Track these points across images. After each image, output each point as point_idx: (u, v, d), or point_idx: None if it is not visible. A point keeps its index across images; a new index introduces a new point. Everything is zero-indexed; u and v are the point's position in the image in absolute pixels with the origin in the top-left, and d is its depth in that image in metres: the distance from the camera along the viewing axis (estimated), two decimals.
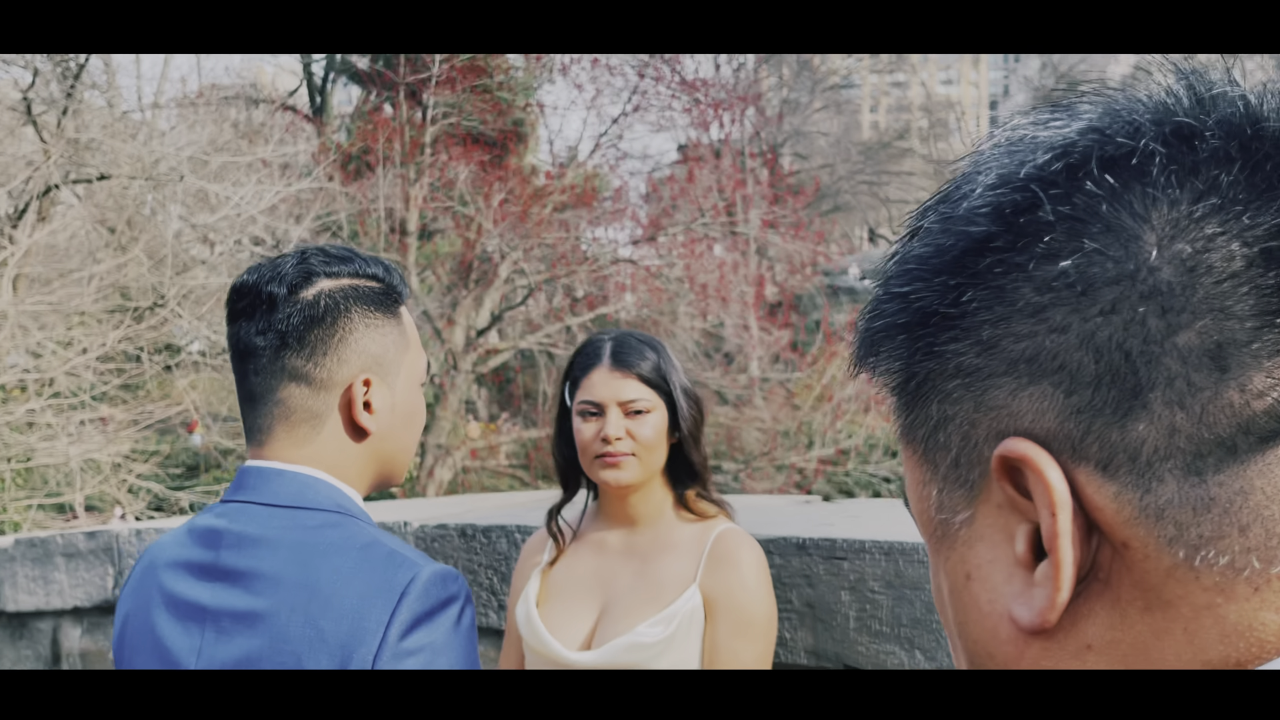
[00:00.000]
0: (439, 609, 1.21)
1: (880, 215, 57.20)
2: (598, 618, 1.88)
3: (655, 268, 15.05)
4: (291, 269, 1.32)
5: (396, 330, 1.38)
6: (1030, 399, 0.44)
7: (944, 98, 66.97)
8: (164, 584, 1.31)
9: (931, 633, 2.03)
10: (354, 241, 13.61)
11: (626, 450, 1.84)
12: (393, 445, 1.38)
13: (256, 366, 1.32)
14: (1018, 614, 0.44)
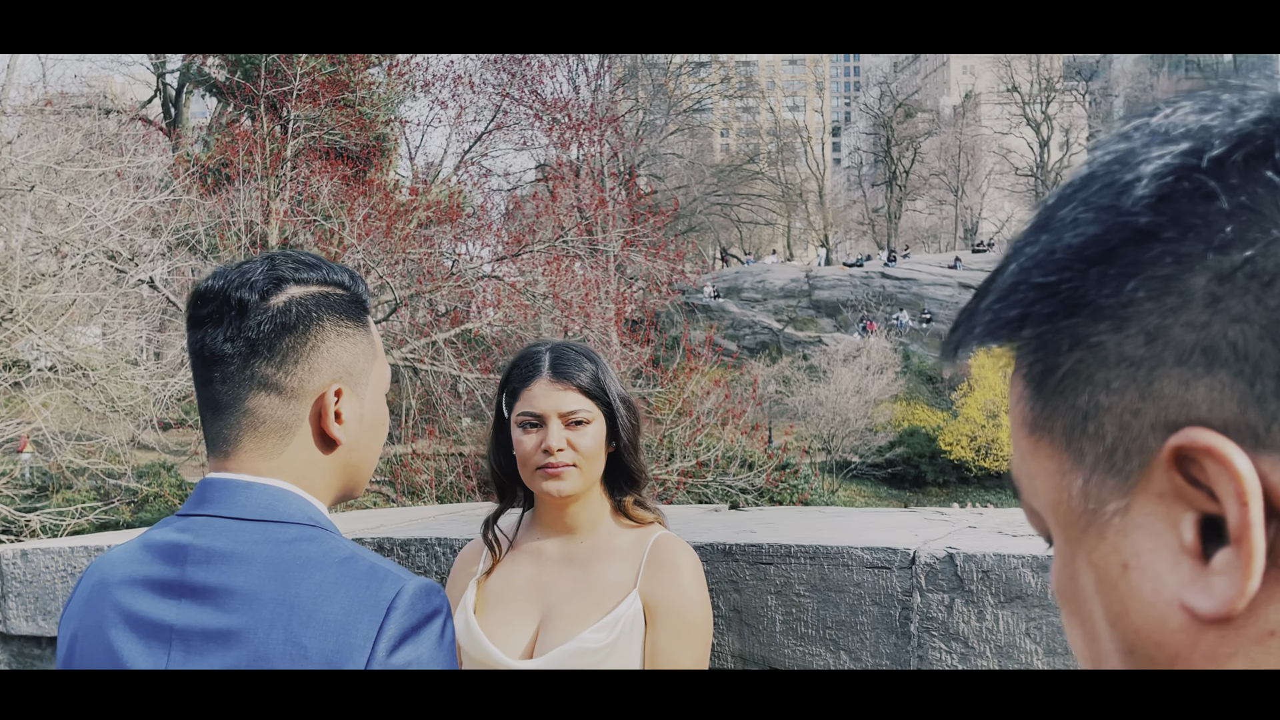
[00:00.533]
0: (424, 623, 1.18)
1: (732, 236, 58.58)
2: (538, 626, 1.87)
3: (521, 284, 15.16)
4: (261, 275, 1.27)
5: (366, 339, 1.35)
6: (1207, 388, 0.43)
7: (790, 123, 69.14)
8: (121, 602, 1.24)
9: (856, 634, 2.09)
10: (213, 255, 13.24)
11: (568, 461, 1.84)
12: (359, 456, 1.35)
13: (224, 374, 1.27)
14: (1194, 602, 0.44)
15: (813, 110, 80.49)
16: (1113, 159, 0.48)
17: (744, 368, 27.92)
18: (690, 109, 48.74)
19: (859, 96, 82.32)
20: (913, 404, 36.39)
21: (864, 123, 70.29)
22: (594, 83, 24.84)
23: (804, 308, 44.46)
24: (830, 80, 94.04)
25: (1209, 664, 0.44)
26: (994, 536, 2.11)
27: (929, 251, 59.34)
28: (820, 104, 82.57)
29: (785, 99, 76.27)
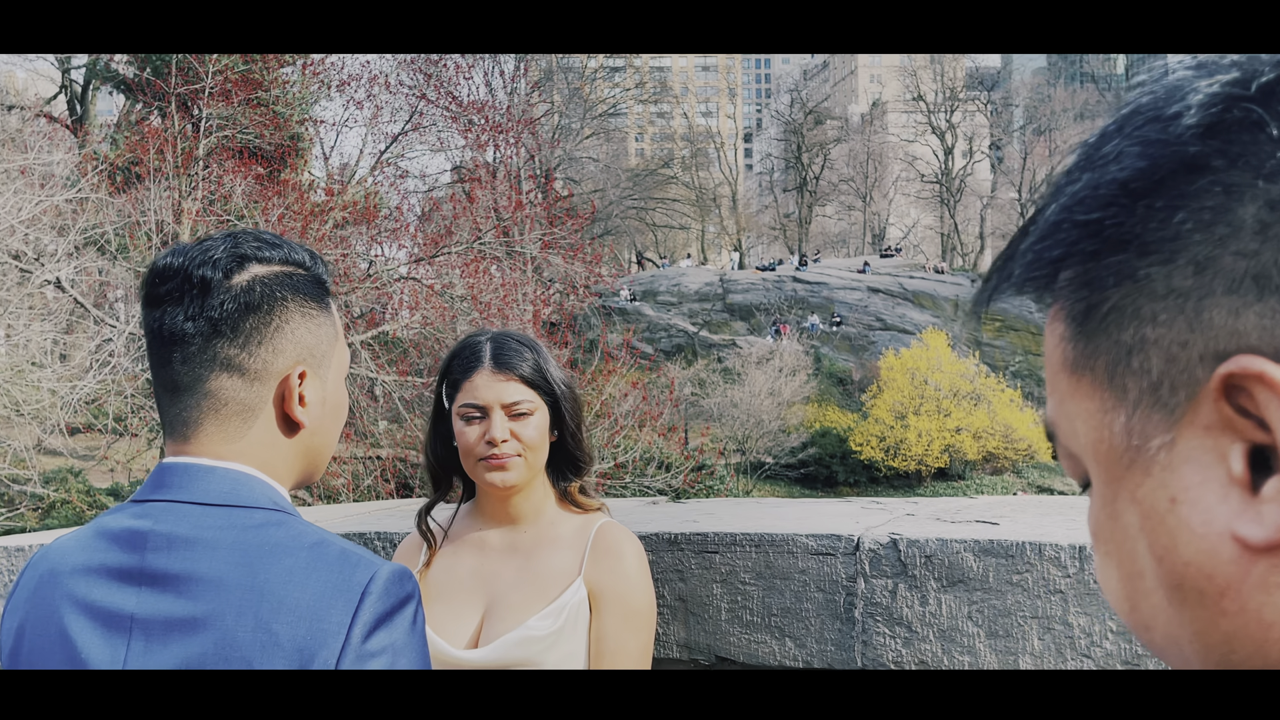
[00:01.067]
0: (398, 608, 1.16)
1: (647, 240, 58.80)
2: (483, 616, 1.86)
3: (438, 286, 15.04)
4: (224, 253, 1.24)
5: (328, 321, 1.32)
6: (1257, 316, 0.43)
7: (704, 128, 69.74)
8: (74, 592, 1.20)
9: (801, 621, 2.11)
10: (122, 256, 12.84)
11: (512, 452, 1.83)
12: (320, 440, 1.32)
13: (184, 355, 1.23)
14: (1245, 532, 0.44)
15: (725, 116, 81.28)
16: (1159, 92, 0.48)
17: (660, 370, 28.09)
18: (605, 113, 48.85)
19: (770, 103, 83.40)
20: (824, 405, 37.03)
21: (775, 129, 71.27)
22: (510, 85, 24.79)
23: (718, 311, 44.90)
24: (742, 86, 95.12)
25: (1260, 593, 0.45)
26: (933, 523, 2.20)
27: (838, 256, 60.42)
28: (733, 110, 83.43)
29: (699, 104, 76.91)
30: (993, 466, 34.12)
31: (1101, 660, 1.88)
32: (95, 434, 14.31)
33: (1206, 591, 0.46)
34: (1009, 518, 2.24)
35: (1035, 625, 1.93)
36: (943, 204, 60.57)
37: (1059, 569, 1.92)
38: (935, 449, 33.22)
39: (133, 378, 12.70)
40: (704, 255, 59.57)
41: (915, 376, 34.40)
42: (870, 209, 61.88)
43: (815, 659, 2.11)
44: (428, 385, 14.19)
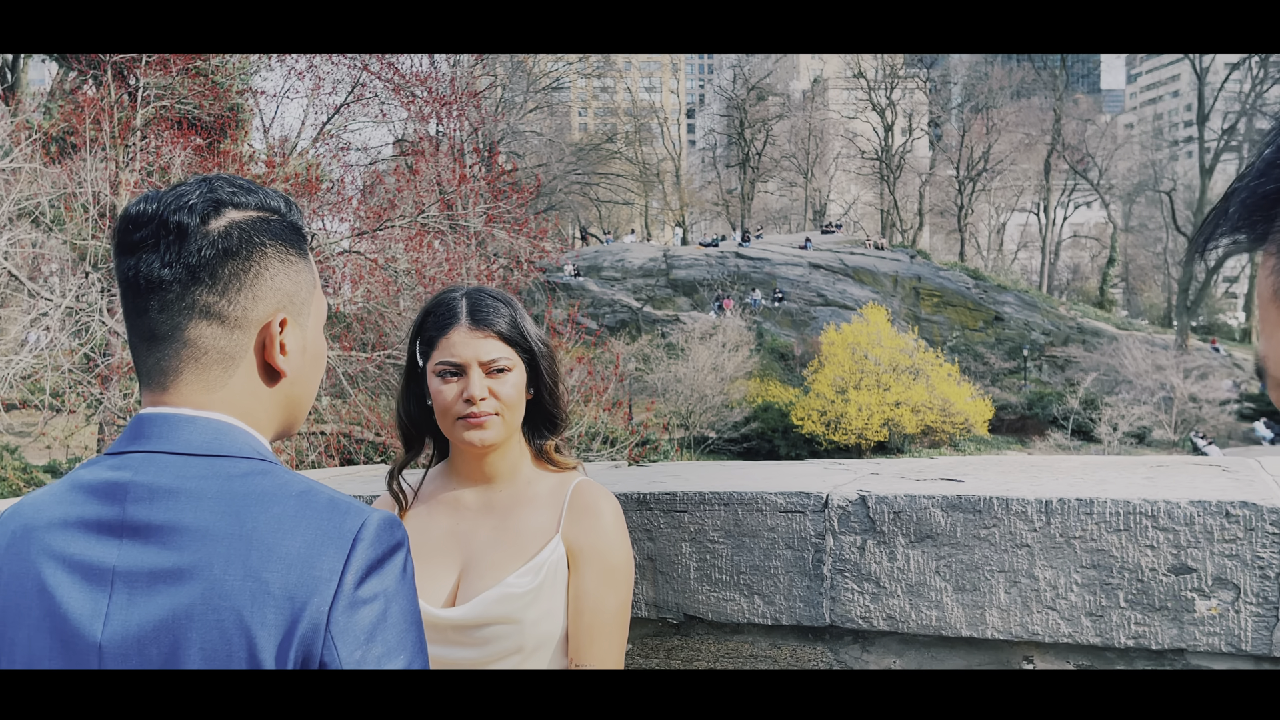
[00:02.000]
0: (389, 555, 1.15)
1: (591, 215, 58.59)
2: (459, 575, 1.84)
3: (382, 260, 14.84)
4: (199, 198, 1.21)
5: (307, 268, 1.30)
6: None
7: (647, 103, 69.48)
8: (52, 545, 1.17)
9: (770, 578, 2.14)
10: (58, 228, 12.46)
11: (490, 410, 1.82)
12: (301, 390, 1.31)
13: (161, 303, 1.21)
14: None
15: (668, 91, 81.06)
16: None
17: (605, 346, 28.07)
18: (549, 86, 48.42)
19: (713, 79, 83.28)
20: (766, 380, 37.32)
21: (718, 105, 71.24)
22: (453, 58, 24.42)
23: (662, 286, 44.95)
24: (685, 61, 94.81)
25: None
26: (899, 480, 2.24)
27: (781, 232, 60.75)
28: (676, 85, 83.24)
29: (641, 79, 76.59)
30: (930, 440, 34.69)
31: (1066, 612, 1.93)
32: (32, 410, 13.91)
33: None
34: (973, 475, 2.28)
35: (1002, 579, 1.98)
36: (882, 180, 61.15)
37: (1025, 523, 1.96)
38: (875, 423, 33.68)
39: (69, 353, 12.36)
40: (648, 231, 59.51)
41: (855, 351, 34.81)
42: (811, 185, 62.24)
43: (784, 616, 2.14)
44: (371, 360, 14.02)
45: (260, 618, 1.09)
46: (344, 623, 1.10)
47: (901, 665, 2.09)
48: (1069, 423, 35.66)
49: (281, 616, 1.09)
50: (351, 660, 1.10)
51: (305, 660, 1.09)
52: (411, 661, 1.15)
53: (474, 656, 1.80)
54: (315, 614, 1.09)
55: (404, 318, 14.90)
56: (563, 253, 38.93)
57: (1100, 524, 1.92)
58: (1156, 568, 1.89)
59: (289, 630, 1.09)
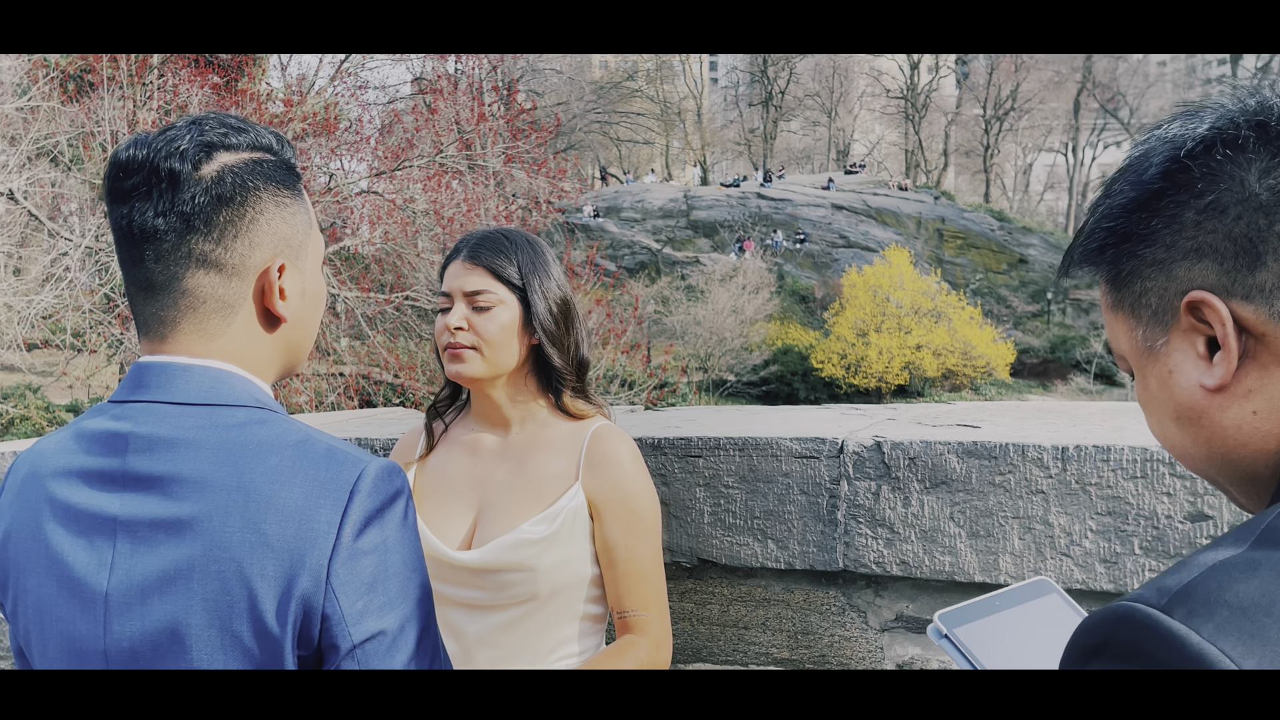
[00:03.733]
0: (388, 504, 1.15)
1: (611, 154, 58.13)
2: (475, 518, 1.85)
3: (401, 200, 14.79)
4: (190, 143, 1.19)
5: (302, 208, 1.29)
6: (1200, 270, 0.81)
7: None
8: (55, 495, 1.18)
9: (784, 523, 2.14)
10: (76, 167, 12.47)
11: (466, 343, 1.81)
12: (301, 333, 1.30)
13: (157, 252, 1.19)
14: (1205, 381, 0.82)
15: None
16: (1138, 155, 0.87)
17: (624, 288, 28.02)
18: None
19: None
20: (786, 323, 37.21)
21: None
22: None
23: (682, 228, 44.68)
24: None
25: (1219, 413, 0.82)
26: (915, 426, 2.22)
27: (803, 172, 60.11)
28: None
29: None
30: (951, 383, 34.60)
31: (1080, 559, 1.92)
32: (53, 350, 14.02)
33: (1192, 417, 0.85)
34: (989, 421, 2.26)
35: (1016, 525, 1.97)
36: (907, 120, 60.28)
37: (1041, 469, 1.95)
38: (895, 366, 33.59)
39: (90, 293, 12.43)
40: (668, 171, 59.02)
41: (877, 294, 34.60)
42: (835, 125, 61.45)
43: (797, 560, 2.14)
44: (390, 301, 14.05)
45: (260, 569, 1.09)
46: (345, 575, 1.10)
47: (914, 610, 2.09)
48: (1092, 367, 35.46)
49: (281, 569, 1.09)
50: (354, 611, 1.10)
51: (308, 612, 1.09)
52: (415, 610, 1.15)
53: (487, 599, 1.81)
54: (315, 567, 1.09)
55: (422, 259, 14.88)
56: (582, 193, 38.66)
57: (1117, 471, 1.90)
58: (1173, 515, 1.87)
59: (289, 583, 1.09)
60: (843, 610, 2.15)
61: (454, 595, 1.83)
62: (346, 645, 1.10)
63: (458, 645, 1.84)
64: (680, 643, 2.27)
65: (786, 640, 2.19)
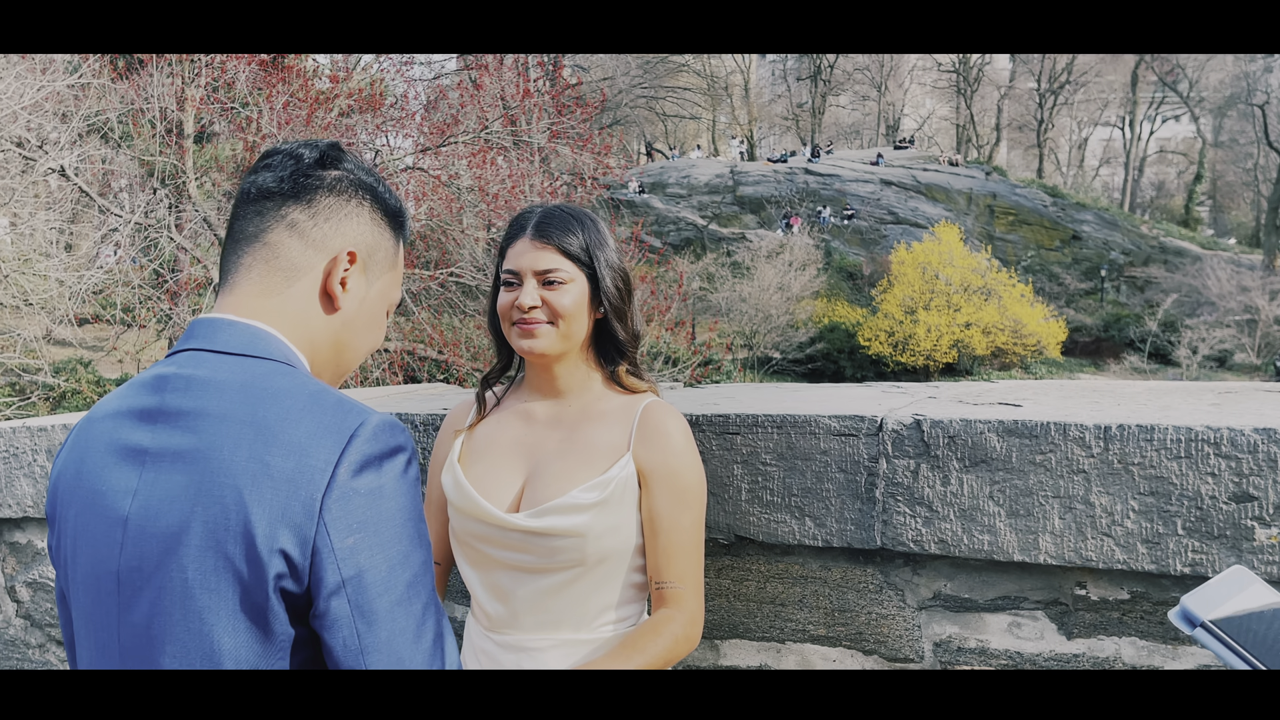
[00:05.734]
0: (388, 455, 1.22)
1: (657, 130, 57.87)
2: (524, 482, 1.89)
3: (446, 176, 14.85)
4: (327, 147, 1.39)
5: (393, 246, 1.45)
6: None
7: None
8: (103, 433, 1.30)
9: (821, 500, 2.12)
10: (126, 144, 12.66)
11: (542, 318, 1.86)
12: (349, 337, 1.41)
13: (260, 209, 1.35)
14: None
15: None
16: None
17: (669, 264, 27.98)
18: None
19: None
20: (833, 300, 36.93)
21: None
22: None
23: (728, 204, 44.43)
24: None
25: None
26: (956, 405, 2.19)
27: (852, 148, 59.45)
28: None
29: None
30: (1001, 362, 34.17)
31: (1122, 539, 1.90)
32: (104, 325, 14.32)
33: None
34: (1032, 400, 2.23)
35: (1056, 504, 1.94)
36: (959, 94, 59.30)
37: (1083, 449, 1.92)
38: (944, 344, 33.24)
39: (139, 268, 12.66)
40: (714, 146, 58.65)
41: (926, 271, 34.20)
42: (885, 99, 60.63)
43: (835, 538, 2.13)
44: (434, 278, 14.13)
45: (258, 496, 1.17)
46: (337, 511, 1.17)
47: (951, 589, 2.08)
48: (1146, 345, 34.83)
49: (278, 496, 1.17)
50: (344, 547, 1.17)
51: (300, 543, 1.16)
52: (407, 559, 1.21)
53: (535, 562, 1.84)
54: (309, 499, 1.17)
55: (467, 235, 14.94)
56: (627, 169, 38.59)
57: (1160, 450, 1.87)
58: (1217, 495, 1.83)
59: (283, 511, 1.17)
60: (880, 588, 2.14)
61: (502, 558, 1.86)
62: (334, 579, 1.17)
63: (505, 608, 1.88)
64: (717, 619, 2.27)
65: (823, 618, 2.19)
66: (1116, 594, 1.96)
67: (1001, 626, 2.05)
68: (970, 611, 2.07)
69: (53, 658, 3.11)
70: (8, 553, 3.15)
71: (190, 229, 12.88)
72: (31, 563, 3.11)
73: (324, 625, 1.18)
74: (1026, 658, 2.03)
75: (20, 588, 3.14)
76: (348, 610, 1.17)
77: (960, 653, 2.08)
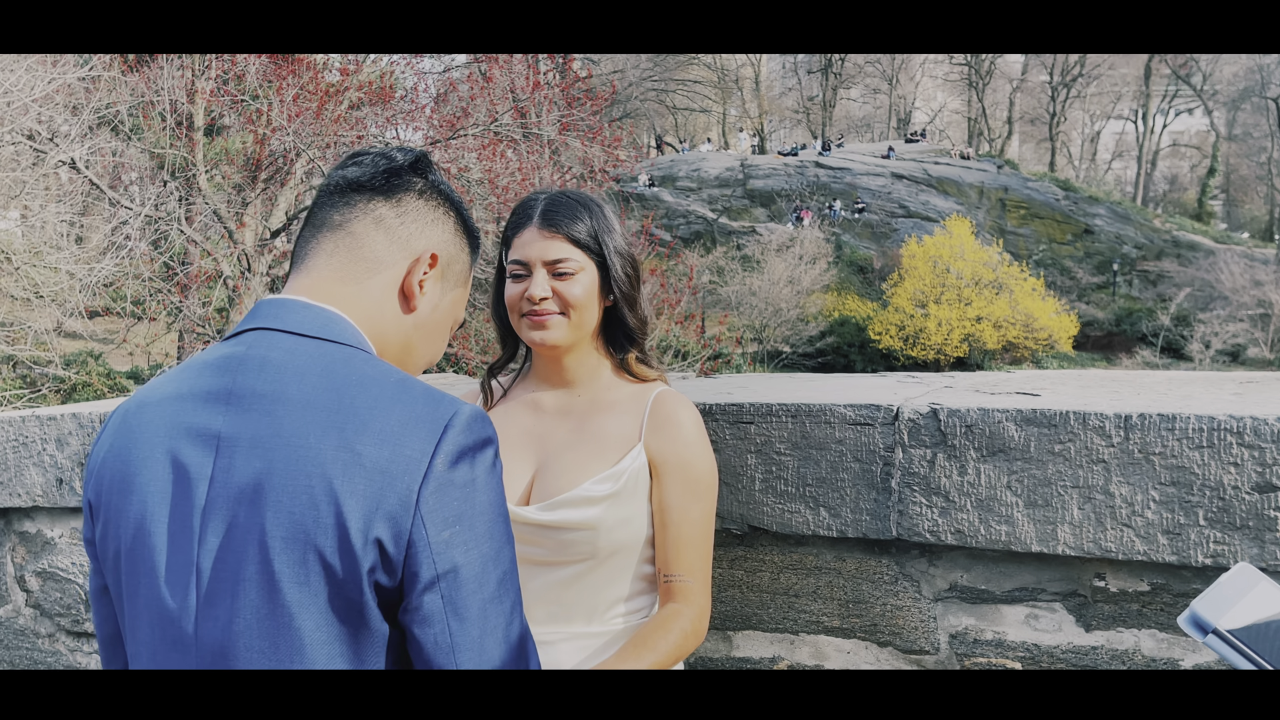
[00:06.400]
0: (481, 446, 1.20)
1: (667, 123, 57.77)
2: (534, 474, 1.86)
3: (455, 169, 14.83)
4: (420, 154, 1.39)
5: (467, 259, 1.45)
6: None
7: None
8: (163, 417, 1.24)
9: (836, 490, 2.10)
10: (136, 136, 12.69)
11: (553, 309, 1.83)
12: (419, 340, 1.39)
13: (347, 200, 1.33)
14: None
15: None
16: None
17: (679, 258, 27.93)
18: None
19: None
20: (844, 294, 36.83)
21: None
22: None
23: (738, 197, 44.33)
24: None
25: None
26: (973, 394, 2.16)
27: (863, 141, 59.26)
28: None
29: None
30: (1012, 356, 34.04)
31: (1142, 529, 1.87)
32: (114, 317, 14.35)
33: None
34: (1049, 390, 2.20)
35: (1075, 495, 1.91)
36: (971, 87, 59.04)
37: (1103, 438, 1.89)
38: (955, 338, 33.13)
39: (149, 261, 12.68)
40: (725, 140, 58.49)
41: (937, 264, 34.07)
42: (896, 92, 60.41)
43: (849, 528, 2.10)
44: None
45: (350, 486, 1.13)
46: (434, 503, 1.14)
47: (968, 580, 2.05)
48: (1159, 340, 34.66)
49: (372, 487, 1.13)
50: (440, 540, 1.14)
51: (395, 535, 1.13)
52: (499, 553, 1.18)
53: (547, 555, 1.81)
54: (405, 491, 1.13)
55: (476, 227, 14.92)
56: (637, 162, 38.52)
57: (1182, 440, 1.83)
58: (1240, 485, 1.80)
59: (378, 501, 1.13)
60: (895, 579, 2.11)
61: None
62: (429, 574, 1.13)
63: None
64: (730, 610, 2.25)
65: (837, 609, 2.16)
66: (1136, 585, 1.93)
67: (1019, 618, 2.02)
68: (987, 603, 2.04)
69: (62, 648, 3.11)
70: (17, 542, 3.14)
71: (200, 222, 12.89)
72: (41, 552, 3.10)
73: (414, 620, 1.14)
74: (1044, 650, 2.00)
75: (30, 577, 3.13)
76: (440, 605, 1.13)
77: (976, 644, 2.05)
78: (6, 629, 3.19)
